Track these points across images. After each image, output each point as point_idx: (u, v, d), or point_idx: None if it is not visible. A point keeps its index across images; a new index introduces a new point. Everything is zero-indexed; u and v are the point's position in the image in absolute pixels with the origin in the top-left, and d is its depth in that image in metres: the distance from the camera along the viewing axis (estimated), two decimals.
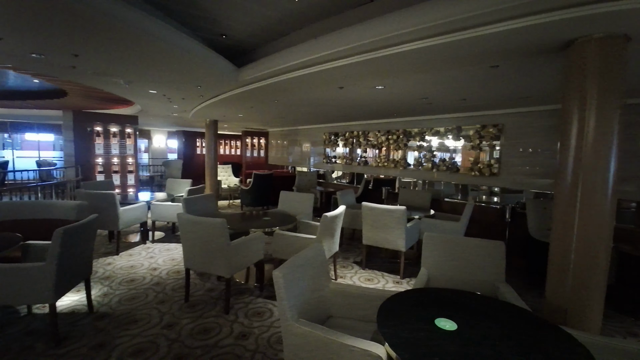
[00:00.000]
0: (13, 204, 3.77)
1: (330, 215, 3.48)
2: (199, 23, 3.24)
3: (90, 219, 2.90)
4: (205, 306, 3.30)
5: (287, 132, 10.83)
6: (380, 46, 2.61)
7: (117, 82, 4.19)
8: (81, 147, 7.44)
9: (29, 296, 2.50)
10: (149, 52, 2.99)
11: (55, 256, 2.46)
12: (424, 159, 6.26)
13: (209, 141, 8.49)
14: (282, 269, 1.83)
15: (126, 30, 2.43)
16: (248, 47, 3.88)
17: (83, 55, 3.06)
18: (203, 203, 4.67)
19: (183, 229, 3.26)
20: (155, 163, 14.83)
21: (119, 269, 4.23)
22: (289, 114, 6.86)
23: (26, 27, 2.40)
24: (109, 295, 3.48)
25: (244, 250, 3.31)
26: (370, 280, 4.08)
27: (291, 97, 4.71)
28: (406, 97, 4.37)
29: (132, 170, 7.95)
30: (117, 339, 2.69)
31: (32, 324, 2.87)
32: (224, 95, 4.85)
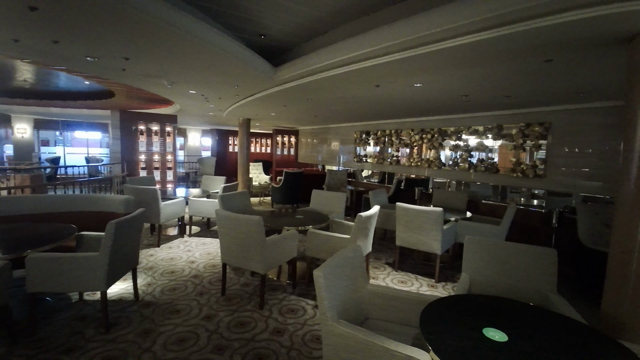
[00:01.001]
0: (68, 197, 4.08)
1: (365, 215, 3.44)
2: (239, 24, 3.31)
3: (138, 212, 3.07)
4: (241, 300, 3.39)
5: (318, 130, 10.86)
6: (422, 42, 2.53)
7: (162, 83, 4.40)
8: (126, 145, 7.92)
9: (82, 284, 2.68)
10: (194, 54, 3.11)
11: (107, 247, 2.63)
12: (460, 159, 6.02)
13: (242, 139, 8.71)
14: (322, 268, 1.83)
15: (175, 33, 2.53)
16: (285, 47, 3.92)
17: (133, 59, 3.24)
18: (238, 200, 4.79)
19: (221, 224, 3.36)
20: (190, 160, 15.47)
21: (161, 260, 4.46)
22: (321, 112, 6.88)
23: (83, 31, 2.58)
24: (153, 285, 3.67)
25: (279, 247, 3.35)
26: (404, 283, 3.99)
27: (325, 96, 4.71)
28: (445, 94, 4.21)
29: (170, 167, 8.36)
30: (161, 327, 2.83)
31: (83, 309, 3.09)
32: (259, 94, 4.95)
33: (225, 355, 2.49)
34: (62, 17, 2.31)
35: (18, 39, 2.93)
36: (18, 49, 3.28)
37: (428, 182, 7.33)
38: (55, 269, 2.59)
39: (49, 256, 2.57)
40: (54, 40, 2.78)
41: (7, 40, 2.98)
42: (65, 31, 2.57)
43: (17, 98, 8.46)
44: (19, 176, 8.08)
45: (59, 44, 2.89)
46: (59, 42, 2.82)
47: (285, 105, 5.88)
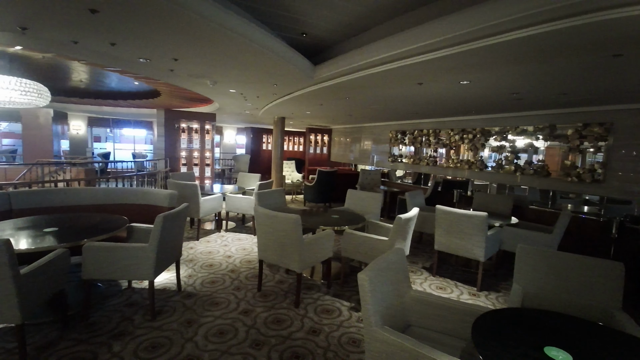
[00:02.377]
0: (119, 190, 4.35)
1: (404, 217, 3.33)
2: (283, 23, 3.34)
3: (182, 207, 3.19)
4: (277, 297, 3.42)
5: (351, 129, 10.77)
6: (474, 37, 2.39)
7: (205, 82, 4.56)
8: (169, 142, 8.35)
9: (132, 273, 2.84)
10: (240, 53, 3.17)
11: (156, 238, 2.76)
12: (506, 161, 5.66)
13: (276, 137, 8.83)
14: (367, 271, 1.78)
15: (224, 34, 2.59)
16: (325, 45, 3.90)
17: (182, 60, 3.38)
18: (274, 197, 4.86)
19: (259, 222, 3.41)
20: (226, 157, 16.00)
21: (200, 253, 4.63)
22: (357, 111, 6.80)
23: (138, 33, 2.71)
24: (193, 276, 3.81)
25: (316, 247, 3.34)
26: (443, 289, 3.83)
27: (364, 95, 4.63)
28: (493, 92, 3.97)
29: (209, 163, 8.69)
30: (202, 318, 2.92)
31: (131, 297, 3.27)
32: (297, 92, 4.97)
33: (262, 351, 2.52)
34: (120, 20, 2.45)
35: (77, 41, 3.16)
36: (77, 51, 3.54)
37: (467, 185, 6.99)
38: (109, 258, 2.76)
39: (104, 245, 2.74)
40: (111, 42, 2.96)
41: (67, 42, 3.22)
42: (122, 34, 2.72)
43: (73, 97, 9.20)
44: (75, 169, 8.79)
45: (115, 46, 3.07)
46: (116, 44, 3.00)
47: (322, 104, 5.88)
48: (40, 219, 3.19)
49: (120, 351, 2.42)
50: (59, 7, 2.28)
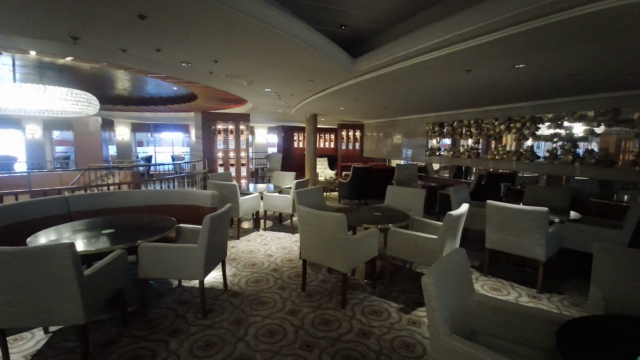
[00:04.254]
0: (164, 192, 4.51)
1: (455, 214, 3.13)
2: (320, 15, 3.24)
3: (227, 208, 3.22)
4: (322, 297, 3.37)
5: (384, 123, 10.50)
6: (536, 15, 2.15)
7: (241, 82, 4.59)
8: (206, 143, 8.60)
9: (183, 272, 2.91)
10: (279, 50, 3.13)
11: (204, 239, 2.80)
12: (562, 150, 5.19)
13: (309, 134, 8.80)
14: (432, 275, 1.65)
15: (265, 30, 2.56)
16: (364, 37, 3.76)
17: (222, 61, 3.40)
18: (312, 196, 4.80)
19: (302, 220, 3.37)
20: (258, 156, 16.29)
21: (241, 252, 4.70)
22: (393, 104, 6.57)
23: (183, 37, 2.75)
24: (238, 275, 3.86)
25: (361, 246, 3.24)
26: (497, 291, 3.57)
27: (404, 86, 4.44)
28: (551, 75, 3.63)
29: (244, 163, 8.87)
30: (251, 317, 2.93)
31: (182, 295, 3.37)
32: (333, 88, 4.88)
33: (314, 353, 2.47)
34: (167, 25, 2.48)
35: (126, 49, 3.27)
36: (125, 59, 3.68)
37: (514, 178, 6.53)
38: (162, 258, 2.84)
39: (157, 246, 2.83)
40: (157, 48, 3.03)
41: (116, 50, 3.35)
42: (168, 39, 2.77)
43: (119, 105, 9.76)
44: (122, 173, 9.34)
45: (160, 52, 3.15)
46: (161, 50, 3.07)
47: (357, 98, 5.74)
48: (96, 221, 3.36)
49: (176, 349, 2.48)
50: (109, 14, 2.35)
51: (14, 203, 3.36)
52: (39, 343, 2.52)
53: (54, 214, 3.53)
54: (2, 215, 3.12)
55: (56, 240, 2.74)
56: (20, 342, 2.52)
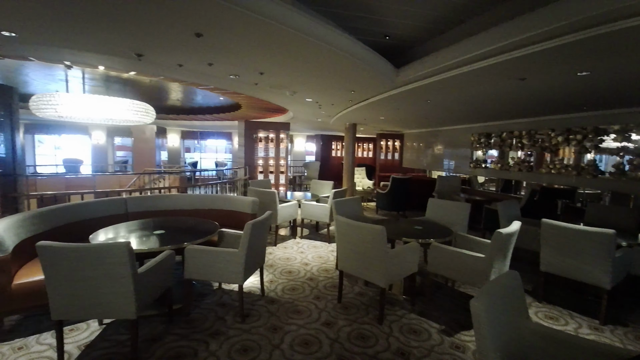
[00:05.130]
0: (209, 197, 4.75)
1: (505, 232, 2.91)
2: (364, 26, 3.26)
3: (267, 215, 3.30)
4: (358, 311, 3.29)
5: (425, 133, 10.19)
6: (608, 19, 1.96)
7: (284, 93, 4.73)
8: (248, 151, 8.95)
9: (224, 275, 3.00)
10: (323, 62, 3.19)
11: (245, 244, 2.88)
12: (630, 166, 4.65)
13: (348, 144, 8.79)
14: (482, 298, 1.54)
15: (310, 43, 2.61)
16: (408, 46, 3.70)
17: (267, 73, 3.54)
18: (350, 206, 4.75)
19: (340, 231, 3.34)
20: (296, 164, 16.58)
21: (278, 259, 4.76)
22: (436, 114, 6.37)
23: (234, 51, 2.90)
24: (274, 282, 3.91)
25: (400, 260, 3.13)
26: (554, 319, 3.24)
27: (450, 95, 4.28)
28: (617, 83, 3.29)
29: (283, 171, 9.08)
30: (287, 326, 2.94)
31: (222, 297, 3.48)
32: (374, 98, 4.84)
33: None
34: (220, 41, 2.64)
35: (182, 64, 3.53)
36: (180, 72, 3.98)
37: (573, 194, 5.96)
38: (205, 261, 2.96)
39: (202, 249, 2.96)
40: (209, 63, 3.23)
41: (173, 65, 3.63)
42: (219, 53, 2.95)
43: (171, 114, 10.54)
44: (172, 177, 10.00)
45: (212, 66, 3.35)
46: (213, 64, 3.26)
47: (398, 108, 5.64)
48: (149, 222, 3.61)
49: (216, 350, 2.55)
50: (170, 33, 2.55)
51: (81, 202, 3.73)
52: (92, 334, 2.73)
53: (114, 213, 3.86)
54: (70, 213, 3.48)
55: (114, 238, 2.98)
56: (76, 333, 2.74)
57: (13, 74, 5.35)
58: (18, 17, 2.31)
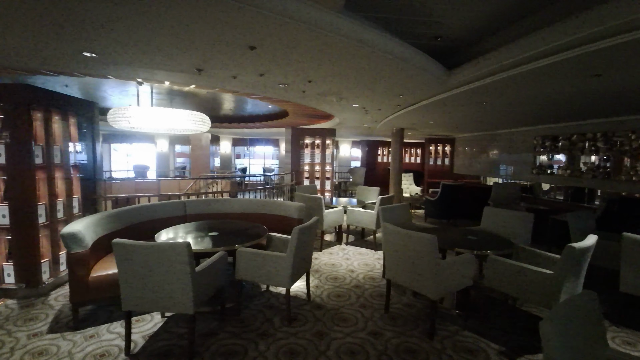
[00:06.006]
0: (258, 201, 4.93)
1: (579, 247, 2.59)
2: (415, 29, 3.16)
3: (314, 220, 3.33)
4: (406, 323, 3.16)
5: (479, 137, 9.56)
6: None
7: (331, 100, 4.78)
8: (295, 156, 9.18)
9: (272, 278, 3.08)
10: (372, 67, 3.16)
11: (293, 249, 2.94)
12: None
13: (395, 149, 8.59)
14: (553, 320, 1.38)
15: (357, 49, 2.61)
16: (460, 46, 3.52)
17: (315, 81, 3.61)
18: (397, 213, 4.62)
19: (387, 239, 3.25)
20: (341, 170, 16.59)
21: (324, 264, 4.77)
22: (492, 116, 5.95)
23: (285, 62, 3.00)
24: (320, 287, 3.93)
25: (453, 272, 2.95)
26: (632, 345, 2.80)
27: (510, 96, 3.97)
28: None
29: (329, 176, 9.14)
30: (332, 333, 2.92)
31: (270, 299, 3.57)
32: (423, 102, 4.68)
33: None
34: (271, 52, 2.76)
35: (236, 76, 3.75)
36: (234, 84, 4.22)
37: None
38: (255, 263, 3.07)
39: (252, 251, 3.08)
40: (260, 73, 3.39)
41: (228, 77, 3.86)
42: (271, 64, 3.08)
43: (224, 122, 11.22)
44: (224, 182, 10.61)
45: (263, 76, 3.51)
46: (264, 74, 3.42)
47: (449, 111, 5.37)
48: (204, 224, 3.85)
49: (265, 351, 2.62)
50: (227, 48, 2.73)
51: (147, 205, 4.11)
52: (155, 326, 2.97)
53: (174, 215, 4.20)
54: (139, 214, 3.85)
55: (174, 238, 3.23)
56: (141, 323, 3.00)
57: (93, 90, 6.13)
58: (100, 41, 2.64)
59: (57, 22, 2.25)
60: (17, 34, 2.48)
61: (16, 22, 2.27)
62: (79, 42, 2.67)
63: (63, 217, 3.91)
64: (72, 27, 2.34)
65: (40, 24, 2.28)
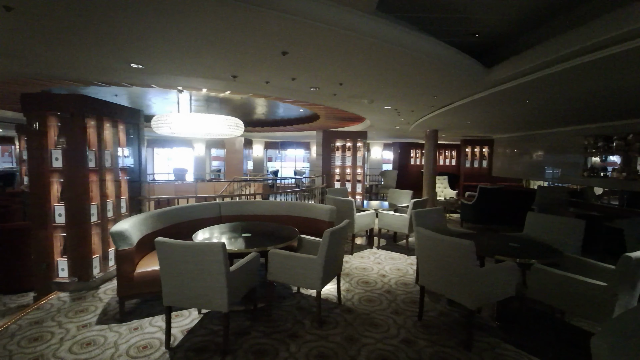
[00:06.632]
0: (289, 204, 5.00)
1: (636, 256, 2.35)
2: (451, 27, 3.06)
3: (345, 224, 3.31)
4: (440, 332, 3.03)
5: (521, 137, 9.01)
6: None
7: (362, 102, 4.75)
8: (325, 159, 9.22)
9: (303, 280, 3.10)
10: (404, 68, 3.11)
11: (323, 252, 2.94)
12: None
13: (428, 151, 8.33)
14: (607, 336, 1.25)
15: (390, 49, 2.57)
16: (499, 42, 3.34)
17: (346, 83, 3.61)
18: (431, 217, 4.46)
19: (421, 244, 3.15)
20: (372, 173, 16.38)
21: (354, 268, 4.72)
22: (537, 115, 5.58)
23: (316, 66, 3.03)
24: (351, 291, 3.89)
25: (492, 280, 2.79)
26: None
27: (557, 92, 3.70)
28: None
29: (359, 179, 9.07)
30: (363, 338, 2.88)
31: (301, 301, 3.59)
32: (459, 102, 4.50)
33: None
34: (303, 57, 2.80)
35: (269, 81, 3.84)
36: (266, 89, 4.33)
37: None
38: (286, 265, 3.11)
39: (283, 253, 3.12)
40: (292, 77, 3.45)
41: (261, 83, 3.97)
42: (302, 68, 3.13)
43: (257, 126, 11.54)
44: (256, 184, 10.90)
45: (295, 80, 3.57)
46: (296, 78, 3.47)
47: (488, 111, 5.11)
48: (238, 225, 3.97)
49: (295, 352, 2.64)
50: (260, 54, 2.81)
51: (186, 206, 4.32)
52: (193, 321, 3.10)
53: (210, 216, 4.37)
54: (178, 215, 4.06)
55: (209, 238, 3.36)
56: (180, 319, 3.15)
57: (139, 99, 6.58)
58: (146, 53, 2.83)
59: (100, 35, 2.44)
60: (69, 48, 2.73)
61: (65, 37, 2.49)
62: (126, 55, 2.88)
63: (112, 216, 4.23)
64: (116, 39, 2.52)
65: (85, 37, 2.48)
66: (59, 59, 3.03)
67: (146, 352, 2.62)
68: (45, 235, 3.72)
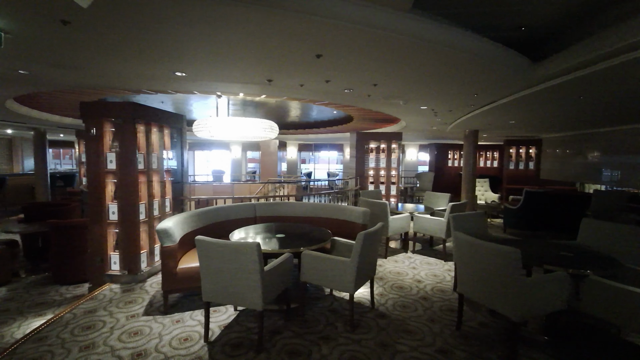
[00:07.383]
0: (322, 206, 5.00)
1: None
2: (495, 21, 2.90)
3: (379, 226, 3.25)
4: (481, 344, 2.87)
5: (574, 137, 8.30)
6: None
7: (397, 102, 4.65)
8: (359, 161, 9.14)
9: (335, 283, 3.08)
10: (442, 67, 3.00)
11: (357, 254, 2.91)
12: None
13: (468, 153, 7.95)
14: None
15: (426, 48, 2.49)
16: (549, 34, 3.10)
17: (380, 84, 3.56)
18: (471, 222, 4.24)
19: (459, 250, 3.00)
20: (407, 175, 15.96)
21: (388, 272, 4.62)
22: (592, 112, 5.12)
23: (350, 68, 3.02)
24: (384, 296, 3.81)
25: (541, 292, 2.58)
26: None
27: (614, 87, 3.36)
28: None
29: (394, 181, 8.87)
30: (397, 345, 2.80)
31: (333, 303, 3.58)
32: (502, 100, 4.25)
33: None
34: (337, 59, 2.80)
35: (303, 84, 3.89)
36: (300, 92, 4.40)
37: None
38: (319, 266, 3.12)
39: (316, 255, 3.14)
40: (326, 80, 3.47)
41: (296, 85, 4.03)
42: (336, 70, 3.13)
43: (291, 129, 11.74)
44: (289, 185, 11.08)
45: (329, 83, 3.58)
46: (330, 80, 3.49)
47: (535, 109, 4.77)
48: (272, 226, 4.05)
49: (327, 355, 2.63)
50: (295, 58, 2.86)
51: (224, 206, 4.50)
52: (229, 317, 3.21)
53: (245, 216, 4.51)
54: (217, 214, 4.23)
55: (245, 238, 3.46)
56: (218, 314, 3.27)
57: (182, 105, 6.99)
58: (188, 61, 3.00)
59: (148, 45, 2.61)
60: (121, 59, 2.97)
61: (118, 49, 2.70)
62: (171, 64, 3.08)
63: (158, 214, 4.52)
64: (162, 50, 2.70)
65: (134, 48, 2.68)
66: (112, 69, 3.31)
67: (187, 344, 2.76)
68: (100, 231, 4.07)
